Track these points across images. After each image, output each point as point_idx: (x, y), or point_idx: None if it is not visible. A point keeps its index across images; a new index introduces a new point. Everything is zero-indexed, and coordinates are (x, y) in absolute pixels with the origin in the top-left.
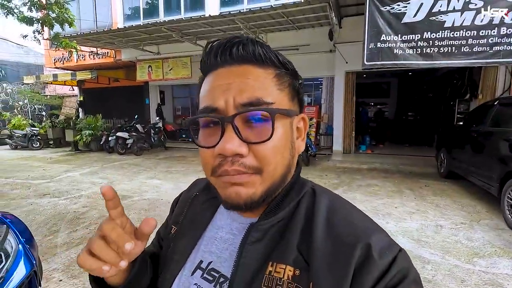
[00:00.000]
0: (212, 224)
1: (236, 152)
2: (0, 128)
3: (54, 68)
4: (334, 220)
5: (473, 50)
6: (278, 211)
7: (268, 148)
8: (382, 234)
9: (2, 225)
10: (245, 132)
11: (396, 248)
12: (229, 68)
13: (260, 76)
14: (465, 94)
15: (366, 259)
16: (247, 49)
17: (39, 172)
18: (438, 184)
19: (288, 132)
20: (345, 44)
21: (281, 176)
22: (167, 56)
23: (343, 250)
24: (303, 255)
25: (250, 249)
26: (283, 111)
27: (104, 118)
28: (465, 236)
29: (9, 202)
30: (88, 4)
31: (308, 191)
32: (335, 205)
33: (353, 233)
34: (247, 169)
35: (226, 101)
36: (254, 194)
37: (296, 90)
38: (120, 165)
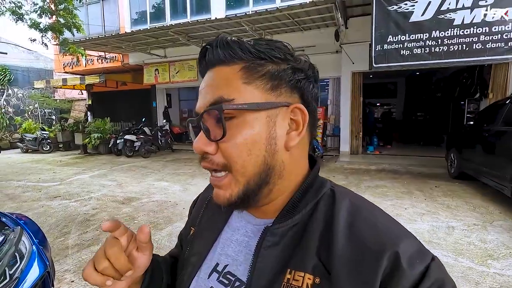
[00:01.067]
0: (228, 226)
1: (203, 151)
2: (11, 132)
3: (63, 72)
4: (356, 225)
5: (486, 47)
6: (294, 214)
7: (230, 146)
8: (411, 241)
9: (17, 227)
10: (215, 131)
11: (428, 256)
12: (207, 73)
13: (225, 74)
14: (474, 93)
15: (394, 269)
16: (213, 53)
17: (49, 175)
18: (449, 185)
19: (262, 127)
20: (351, 45)
21: (258, 174)
22: (174, 59)
23: (368, 258)
24: (323, 262)
25: (266, 254)
26: (241, 106)
27: (112, 121)
28: (478, 237)
29: (21, 204)
30: (96, 10)
31: (327, 192)
32: (358, 207)
33: (379, 240)
34: (215, 165)
35: (199, 106)
36: (231, 196)
37: (282, 77)
38: (129, 167)
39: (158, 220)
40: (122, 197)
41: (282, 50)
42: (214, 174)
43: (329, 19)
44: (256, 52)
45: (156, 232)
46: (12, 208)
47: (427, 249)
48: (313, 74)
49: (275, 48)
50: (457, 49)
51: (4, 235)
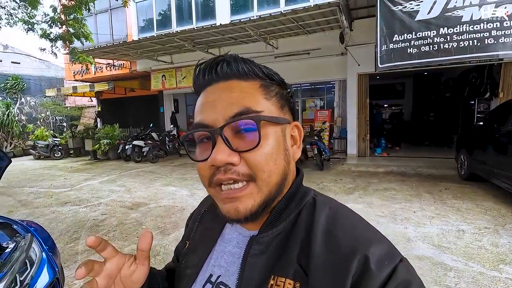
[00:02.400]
0: (221, 238)
1: (227, 162)
2: (24, 139)
3: (73, 80)
4: (333, 231)
5: (499, 42)
6: (278, 223)
7: (259, 155)
8: (382, 244)
9: (27, 234)
10: (235, 142)
11: (396, 258)
12: (216, 85)
13: (245, 87)
14: (484, 93)
15: (363, 272)
16: (231, 66)
17: (60, 181)
18: (459, 187)
19: (280, 139)
20: (357, 47)
21: (277, 184)
22: (180, 65)
23: (341, 262)
24: (303, 267)
25: (252, 262)
26: (271, 118)
27: (121, 127)
28: (490, 241)
29: (33, 210)
30: (105, 18)
31: (309, 201)
32: (336, 215)
33: (352, 245)
34: (240, 176)
35: (215, 116)
36: (253, 206)
37: (285, 99)
38: (137, 172)
39: (165, 225)
40: (131, 202)
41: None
42: (231, 187)
43: (334, 22)
44: (269, 73)
45: (163, 238)
46: (25, 214)
47: (397, 251)
48: None
49: (275, 73)
50: (468, 44)
51: (15, 242)
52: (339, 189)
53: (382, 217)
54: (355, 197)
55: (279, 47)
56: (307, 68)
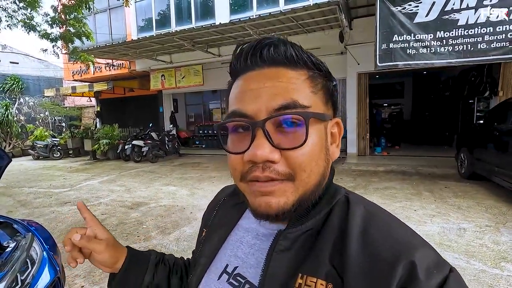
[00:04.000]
0: (238, 227)
1: (267, 159)
2: (23, 140)
3: (72, 80)
4: (371, 233)
5: (491, 47)
6: (308, 219)
7: (302, 155)
8: (428, 250)
9: (28, 233)
10: (277, 137)
11: (446, 267)
12: (260, 71)
13: (293, 78)
14: (484, 91)
15: (410, 279)
16: (279, 50)
17: (60, 181)
18: (459, 186)
19: (323, 138)
20: (356, 46)
21: (315, 185)
22: (180, 64)
23: (382, 267)
24: (337, 269)
25: (278, 258)
26: (318, 115)
27: (120, 127)
28: (491, 239)
29: (33, 210)
30: (104, 18)
31: (341, 199)
32: (372, 215)
33: (394, 248)
34: (279, 175)
35: (258, 106)
36: (286, 204)
37: (330, 92)
38: (137, 172)
39: (166, 224)
40: (131, 202)
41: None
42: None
43: (333, 21)
44: (316, 63)
45: (164, 237)
46: (24, 214)
47: (446, 260)
48: None
49: (322, 63)
50: (462, 49)
51: (16, 241)
52: None
53: None
54: None
55: None
56: None
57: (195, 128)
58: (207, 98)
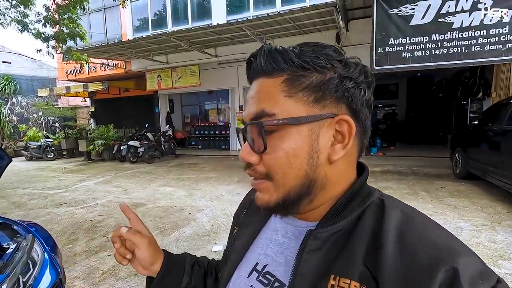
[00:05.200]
0: (267, 226)
1: (246, 160)
2: (16, 140)
3: (66, 80)
4: (408, 236)
5: (484, 49)
6: (339, 220)
7: (272, 158)
8: (473, 258)
9: (28, 234)
10: (257, 142)
11: (492, 277)
12: (253, 84)
13: (269, 86)
14: (477, 93)
15: (451, 286)
16: (258, 63)
17: (54, 182)
18: (455, 185)
19: (305, 140)
20: (353, 47)
21: (295, 187)
22: (176, 65)
23: (421, 272)
24: (371, 271)
25: (309, 258)
26: (282, 121)
27: (115, 128)
28: (487, 238)
29: (28, 212)
30: (99, 17)
31: (375, 201)
32: (410, 218)
33: (433, 253)
34: (257, 174)
35: (245, 114)
36: (269, 200)
37: (326, 88)
38: (133, 173)
39: (164, 225)
40: (128, 203)
41: (330, 56)
42: (255, 180)
43: (330, 22)
44: (300, 62)
45: (163, 238)
46: (19, 215)
47: (491, 269)
48: (365, 79)
49: (322, 55)
50: (457, 51)
51: (16, 242)
52: None
53: None
54: None
55: None
56: None
57: (191, 129)
58: (203, 98)
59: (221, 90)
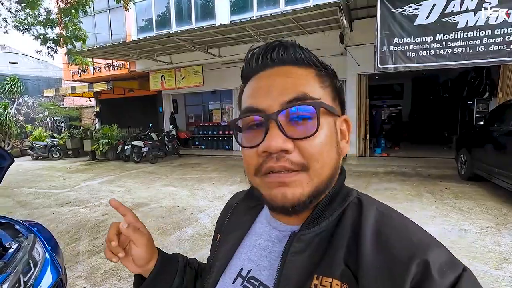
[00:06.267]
0: (251, 231)
1: (282, 148)
2: (22, 140)
3: (72, 81)
4: (384, 232)
5: (489, 49)
6: (321, 221)
7: (314, 145)
8: (441, 249)
9: (30, 234)
10: (290, 129)
11: (459, 266)
12: (270, 71)
13: (302, 74)
14: (483, 93)
15: (424, 277)
16: (288, 51)
17: (59, 182)
18: (459, 187)
19: (333, 131)
20: (357, 47)
21: (328, 177)
22: (179, 65)
23: (396, 266)
24: (351, 269)
25: (293, 260)
26: (328, 107)
27: (120, 128)
28: (492, 240)
29: (33, 211)
30: (103, 18)
31: (354, 200)
32: (385, 215)
33: (407, 247)
34: (293, 165)
35: (270, 101)
36: (301, 195)
37: (337, 90)
38: (136, 173)
39: (167, 225)
40: (131, 202)
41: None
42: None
43: (334, 22)
44: (322, 63)
45: (164, 238)
46: (24, 215)
47: (458, 259)
48: None
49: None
50: (461, 51)
51: (18, 242)
52: None
53: None
54: None
55: None
56: None
57: (194, 129)
58: (206, 98)
59: (224, 90)
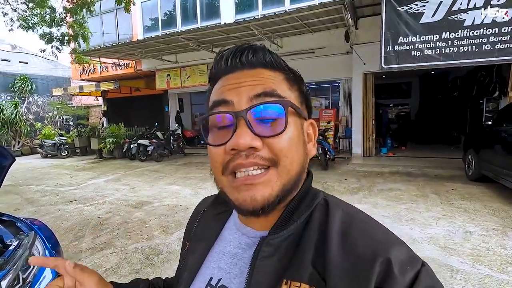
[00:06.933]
0: (220, 238)
1: (250, 146)
2: (32, 138)
3: (80, 80)
4: (350, 233)
5: (495, 48)
6: (289, 224)
7: (283, 141)
8: (402, 247)
9: (31, 232)
10: (258, 126)
11: (418, 262)
12: (239, 72)
13: (271, 75)
14: (493, 91)
15: (386, 275)
16: (257, 55)
17: (66, 180)
18: (466, 188)
19: (300, 131)
20: (362, 45)
21: (296, 175)
22: (185, 64)
23: (361, 265)
24: (319, 271)
25: (262, 265)
26: (296, 107)
27: (126, 126)
28: (498, 243)
29: (39, 208)
30: (111, 18)
31: (320, 202)
32: (351, 216)
33: (371, 247)
34: (263, 160)
35: (239, 96)
36: (270, 195)
37: (304, 95)
38: (141, 171)
39: (168, 224)
40: (135, 201)
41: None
42: (249, 173)
43: (339, 20)
44: (291, 69)
45: (166, 237)
46: (31, 212)
47: (417, 255)
48: None
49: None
50: (467, 50)
51: (19, 239)
52: (343, 189)
53: (387, 217)
54: (359, 198)
55: (283, 46)
56: (312, 67)
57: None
58: None
59: None
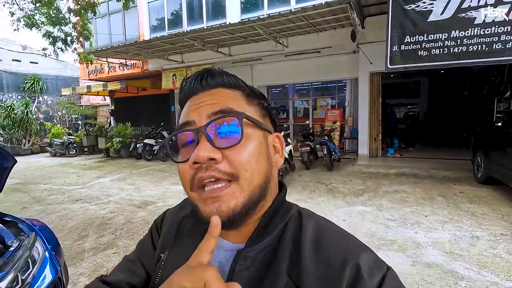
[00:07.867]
0: None
1: (209, 157)
2: (42, 137)
3: (88, 80)
4: (321, 242)
5: (506, 47)
6: (264, 237)
7: (241, 153)
8: (369, 253)
9: (31, 232)
10: (218, 140)
11: (384, 266)
12: (201, 94)
13: (229, 94)
14: (505, 91)
15: (357, 279)
16: (215, 77)
17: (73, 179)
18: (475, 191)
19: (262, 142)
20: (369, 45)
21: (260, 185)
22: (191, 64)
23: (333, 271)
24: (294, 281)
25: (239, 278)
26: (253, 119)
27: (133, 126)
28: (506, 249)
29: (46, 207)
30: (118, 18)
31: (294, 214)
32: (322, 227)
33: (341, 254)
34: (221, 174)
35: (199, 116)
36: (236, 206)
37: (266, 109)
38: (147, 171)
39: None
40: (139, 201)
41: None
42: (212, 187)
43: (345, 20)
44: (250, 86)
45: None
46: (38, 210)
47: (383, 260)
48: None
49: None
50: (476, 49)
51: (19, 240)
52: (348, 190)
53: (391, 220)
54: (364, 199)
55: (289, 46)
56: (318, 66)
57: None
58: None
59: None
